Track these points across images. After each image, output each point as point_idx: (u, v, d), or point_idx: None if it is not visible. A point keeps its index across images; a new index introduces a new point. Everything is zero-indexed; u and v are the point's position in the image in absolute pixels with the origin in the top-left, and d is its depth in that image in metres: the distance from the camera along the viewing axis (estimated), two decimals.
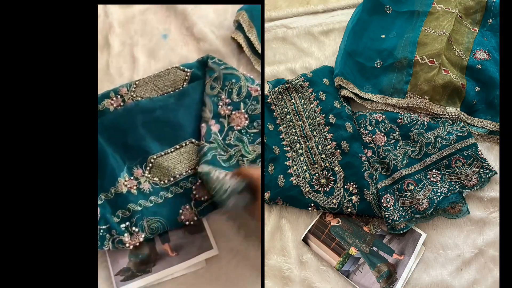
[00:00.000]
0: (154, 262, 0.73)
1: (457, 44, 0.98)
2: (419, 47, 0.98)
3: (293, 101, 0.98)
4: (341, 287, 0.79)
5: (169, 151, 0.88)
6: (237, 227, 0.79)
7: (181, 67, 0.97)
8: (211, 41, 1.05)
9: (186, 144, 0.88)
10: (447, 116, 0.90)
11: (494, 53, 0.96)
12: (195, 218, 0.81)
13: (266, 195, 0.87)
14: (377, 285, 0.77)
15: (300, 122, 0.94)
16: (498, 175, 0.83)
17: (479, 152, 0.84)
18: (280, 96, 0.99)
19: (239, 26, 1.03)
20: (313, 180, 0.87)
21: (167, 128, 0.90)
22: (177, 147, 0.88)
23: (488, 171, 0.82)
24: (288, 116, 0.96)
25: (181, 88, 0.95)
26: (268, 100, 0.99)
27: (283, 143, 0.93)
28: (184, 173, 0.86)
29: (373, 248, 0.81)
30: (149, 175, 0.86)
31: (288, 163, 0.90)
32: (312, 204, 0.84)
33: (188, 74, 0.96)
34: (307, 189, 0.86)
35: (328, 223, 0.85)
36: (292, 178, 0.88)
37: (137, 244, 0.77)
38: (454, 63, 0.95)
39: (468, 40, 0.99)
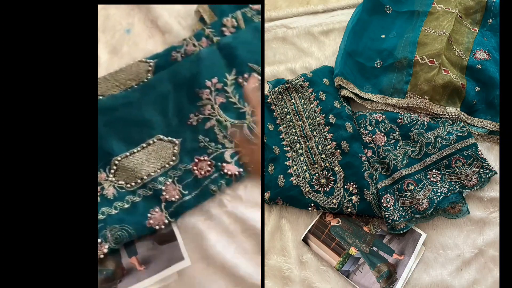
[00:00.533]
0: (120, 278, 0.65)
1: (457, 44, 0.98)
2: (419, 47, 0.98)
3: (293, 101, 0.98)
4: (341, 287, 0.79)
5: (135, 150, 0.81)
6: (210, 231, 0.73)
7: (144, 59, 0.89)
8: (178, 33, 0.96)
9: (154, 142, 0.82)
10: (447, 116, 0.90)
11: (494, 53, 0.96)
12: (166, 221, 0.75)
13: (266, 195, 0.87)
14: (377, 285, 0.77)
15: (300, 122, 0.94)
16: (498, 175, 0.83)
17: (479, 152, 0.84)
18: (280, 96, 0.99)
19: (201, 19, 0.96)
20: (313, 180, 0.87)
21: (132, 126, 0.83)
22: (144, 145, 0.81)
23: (488, 171, 0.82)
24: (288, 116, 0.96)
25: (145, 80, 0.87)
26: (268, 100, 0.99)
27: (283, 143, 0.93)
28: (152, 174, 0.79)
29: (373, 248, 0.81)
30: (113, 179, 0.79)
31: (288, 163, 0.90)
32: (312, 204, 0.84)
33: (152, 64, 0.88)
34: (307, 189, 0.86)
35: (328, 223, 0.85)
36: (292, 178, 0.88)
37: (101, 256, 0.70)
38: (454, 63, 0.95)
39: (468, 40, 0.99)
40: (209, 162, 0.81)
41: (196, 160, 0.81)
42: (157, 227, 0.75)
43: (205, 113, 0.82)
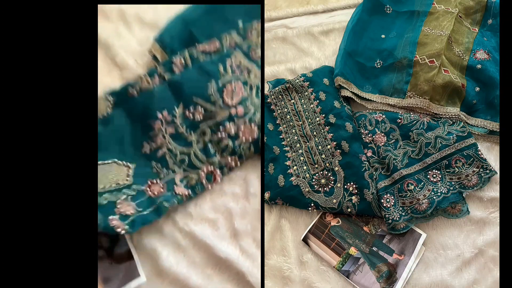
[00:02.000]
0: None
1: (457, 44, 0.98)
2: (419, 47, 0.98)
3: (293, 101, 0.98)
4: (341, 287, 0.79)
5: None
6: (164, 248, 0.78)
7: (104, 96, 0.95)
8: (133, 69, 1.04)
9: (109, 162, 0.87)
10: (447, 116, 0.90)
11: (494, 53, 0.96)
12: (125, 228, 0.77)
13: (266, 195, 0.87)
14: (377, 285, 0.77)
15: (300, 122, 0.94)
16: (498, 175, 0.83)
17: (479, 152, 0.84)
18: (280, 96, 0.99)
19: (154, 57, 1.03)
20: (313, 180, 0.87)
21: None
22: (100, 163, 0.86)
23: (488, 171, 0.82)
24: (288, 116, 0.96)
25: (105, 114, 0.93)
26: (268, 100, 0.99)
27: (283, 143, 0.93)
28: (106, 187, 0.82)
29: (373, 248, 0.81)
30: None
31: (288, 163, 0.90)
32: (312, 204, 0.84)
33: (111, 100, 0.94)
34: (307, 189, 0.86)
35: (328, 223, 0.85)
36: (292, 178, 0.88)
37: None
38: (454, 63, 0.95)
39: (468, 40, 0.99)
40: (161, 185, 0.86)
41: (149, 183, 0.86)
42: (118, 230, 0.76)
43: (157, 142, 0.89)
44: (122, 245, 0.76)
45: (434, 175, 0.84)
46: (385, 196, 0.83)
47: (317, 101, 0.96)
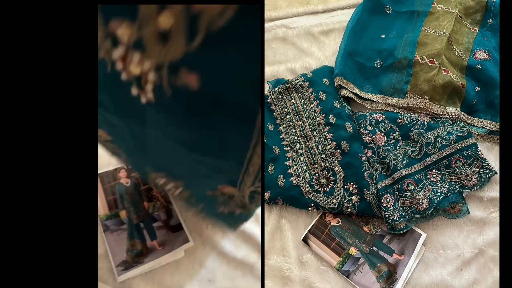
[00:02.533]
0: (146, 255, 0.87)
1: (457, 44, 0.98)
2: (419, 47, 0.98)
3: (293, 101, 0.98)
4: (341, 287, 0.79)
5: None
6: (206, 225, 0.93)
7: None
8: None
9: None
10: (447, 116, 0.90)
11: (494, 53, 0.96)
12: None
13: (266, 195, 0.87)
14: (377, 285, 0.77)
15: (300, 122, 0.94)
16: (498, 175, 0.83)
17: (479, 152, 0.84)
18: (280, 96, 0.99)
19: None
20: (313, 180, 0.87)
21: None
22: None
23: (488, 171, 0.82)
24: (288, 116, 0.96)
25: None
26: (268, 100, 0.99)
27: (283, 143, 0.93)
28: None
29: (373, 248, 0.81)
30: None
31: (288, 163, 0.90)
32: (312, 204, 0.84)
33: None
34: (307, 189, 0.86)
35: (328, 223, 0.85)
36: (292, 178, 0.88)
37: None
38: (454, 63, 0.95)
39: (468, 40, 0.99)
40: None
41: None
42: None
43: None
44: (175, 219, 0.93)
45: (434, 175, 0.84)
46: (385, 196, 0.83)
47: (317, 101, 0.96)
